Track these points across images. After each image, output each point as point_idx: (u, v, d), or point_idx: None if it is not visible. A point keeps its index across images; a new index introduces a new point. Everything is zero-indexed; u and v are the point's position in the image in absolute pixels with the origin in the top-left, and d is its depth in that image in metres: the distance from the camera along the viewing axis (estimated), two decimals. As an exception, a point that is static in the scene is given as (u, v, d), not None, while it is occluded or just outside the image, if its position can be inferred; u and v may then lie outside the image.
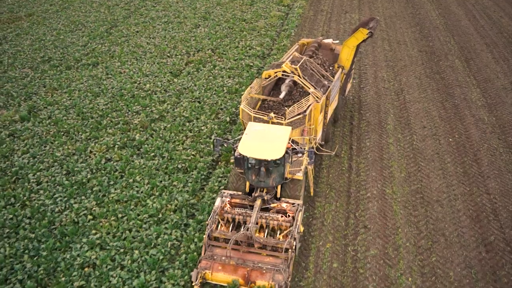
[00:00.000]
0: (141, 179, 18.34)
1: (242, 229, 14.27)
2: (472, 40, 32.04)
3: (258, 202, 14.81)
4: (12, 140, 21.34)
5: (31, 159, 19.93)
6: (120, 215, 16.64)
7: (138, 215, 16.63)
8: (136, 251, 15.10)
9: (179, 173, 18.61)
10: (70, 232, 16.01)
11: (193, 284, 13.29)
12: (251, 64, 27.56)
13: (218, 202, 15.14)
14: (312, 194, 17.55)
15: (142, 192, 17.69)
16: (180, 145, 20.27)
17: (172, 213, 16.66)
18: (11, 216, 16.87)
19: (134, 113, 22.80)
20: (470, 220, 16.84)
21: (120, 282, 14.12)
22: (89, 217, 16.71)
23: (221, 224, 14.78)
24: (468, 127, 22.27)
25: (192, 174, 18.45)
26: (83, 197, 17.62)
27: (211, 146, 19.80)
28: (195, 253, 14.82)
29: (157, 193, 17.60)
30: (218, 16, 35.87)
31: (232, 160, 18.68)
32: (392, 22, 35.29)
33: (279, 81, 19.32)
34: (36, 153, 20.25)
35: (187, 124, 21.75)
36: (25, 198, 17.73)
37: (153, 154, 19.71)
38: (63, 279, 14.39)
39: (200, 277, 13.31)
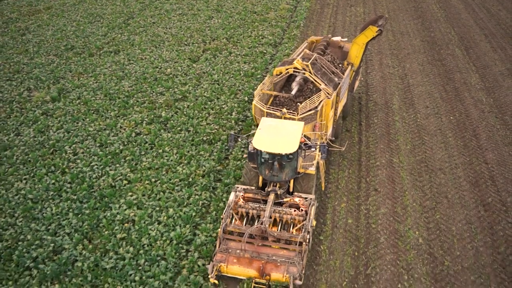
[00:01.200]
0: (170, 150, 20.08)
1: (256, 223, 14.63)
2: (471, 31, 33.83)
3: (272, 197, 15.00)
4: (46, 118, 23.03)
5: (66, 134, 21.65)
6: (153, 180, 18.38)
7: (170, 179, 18.35)
8: (171, 209, 16.82)
9: (204, 144, 20.36)
10: (108, 194, 17.73)
11: (209, 276, 13.64)
12: (265, 51, 29.34)
13: (232, 196, 15.34)
14: (323, 189, 17.85)
15: (171, 160, 19.43)
16: (204, 120, 22.02)
17: (200, 177, 18.40)
18: (53, 181, 18.59)
19: (158, 94, 24.55)
20: (470, 185, 18.60)
21: (159, 234, 15.85)
22: (125, 181, 18.46)
23: (235, 218, 14.98)
24: (468, 107, 24.03)
25: (217, 145, 20.19)
26: (117, 165, 19.35)
27: (226, 139, 20.42)
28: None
29: (185, 161, 19.33)
30: (230, 8, 37.64)
31: (245, 156, 19.10)
32: (396, 14, 37.07)
33: (290, 78, 19.76)
34: (70, 129, 21.96)
35: (209, 103, 23.50)
36: (64, 166, 19.45)
37: (179, 128, 21.45)
38: (106, 232, 16.11)
39: (216, 269, 13.54)
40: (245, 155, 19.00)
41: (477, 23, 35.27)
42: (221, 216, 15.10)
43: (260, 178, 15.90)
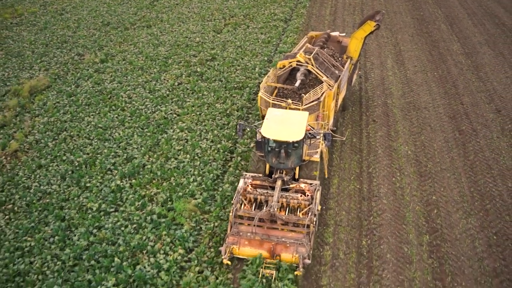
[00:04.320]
0: (207, 93, 24.77)
1: (264, 208, 15.47)
2: (456, 10, 38.83)
3: (279, 183, 15.70)
4: (99, 74, 27.62)
5: (119, 84, 26.25)
6: (198, 113, 23.06)
7: (211, 112, 23.04)
8: (215, 131, 21.51)
9: (236, 89, 25.07)
10: (163, 123, 22.37)
11: (222, 258, 14.69)
12: (277, 25, 34.17)
13: (241, 183, 16.18)
14: (326, 175, 18.77)
15: (210, 100, 24.10)
16: (233, 74, 26.76)
17: (235, 111, 23.09)
18: (116, 115, 23.21)
19: (191, 56, 29.25)
20: (449, 118, 23.43)
21: (208, 146, 20.54)
22: (175, 115, 23.13)
23: (244, 204, 15.80)
24: (449, 67, 28.92)
25: (246, 90, 24.91)
26: (166, 104, 23.99)
27: (236, 128, 21.59)
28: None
29: (221, 101, 24.04)
30: (243, -8, 42.45)
31: (253, 145, 20.12)
32: (389, -2, 42.06)
33: (293, 71, 20.88)
34: (121, 81, 26.58)
35: (235, 62, 28.24)
36: (122, 105, 24.06)
37: (213, 79, 26.16)
38: (165, 146, 20.75)
39: (228, 251, 14.53)
40: (252, 145, 20.81)
41: (461, 4, 40.32)
42: (232, 202, 16.24)
43: (267, 166, 16.77)
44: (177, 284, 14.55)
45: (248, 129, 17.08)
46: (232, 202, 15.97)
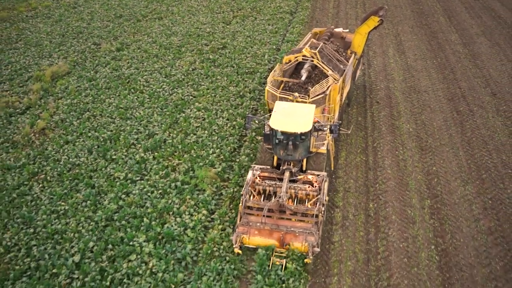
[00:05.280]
0: (221, 78, 26.29)
1: (273, 199, 15.90)
2: (454, 4, 40.50)
3: (287, 174, 16.05)
4: (116, 61, 29.11)
5: (136, 70, 27.75)
6: (212, 95, 24.57)
7: (225, 94, 24.55)
8: (230, 110, 23.03)
9: (247, 74, 26.61)
10: (181, 104, 23.87)
11: (233, 247, 15.06)
12: (283, 17, 35.74)
13: (249, 175, 16.50)
14: (332, 168, 19.24)
15: (224, 84, 25.62)
16: (243, 60, 28.30)
17: (248, 93, 24.62)
18: (136, 97, 24.70)
19: (203, 44, 30.78)
20: (447, 101, 25.02)
21: (224, 123, 22.06)
22: (191, 97, 24.63)
23: (253, 195, 16.17)
24: (448, 55, 30.53)
25: (257, 74, 26.45)
26: (182, 87, 25.50)
27: (244, 121, 22.15)
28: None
29: (234, 84, 25.56)
30: (249, -13, 44.04)
31: (261, 138, 20.28)
32: (390, -7, 43.69)
33: (298, 66, 21.13)
34: (138, 67, 28.08)
35: (245, 50, 29.79)
36: (141, 88, 25.56)
37: (225, 65, 27.69)
38: (184, 124, 22.25)
39: (239, 240, 14.96)
40: (260, 137, 20.61)
41: (458, -1, 42.13)
42: (241, 193, 16.76)
43: (275, 158, 17.17)
44: (203, 240, 16.04)
45: (257, 121, 17.51)
46: (242, 193, 16.57)
